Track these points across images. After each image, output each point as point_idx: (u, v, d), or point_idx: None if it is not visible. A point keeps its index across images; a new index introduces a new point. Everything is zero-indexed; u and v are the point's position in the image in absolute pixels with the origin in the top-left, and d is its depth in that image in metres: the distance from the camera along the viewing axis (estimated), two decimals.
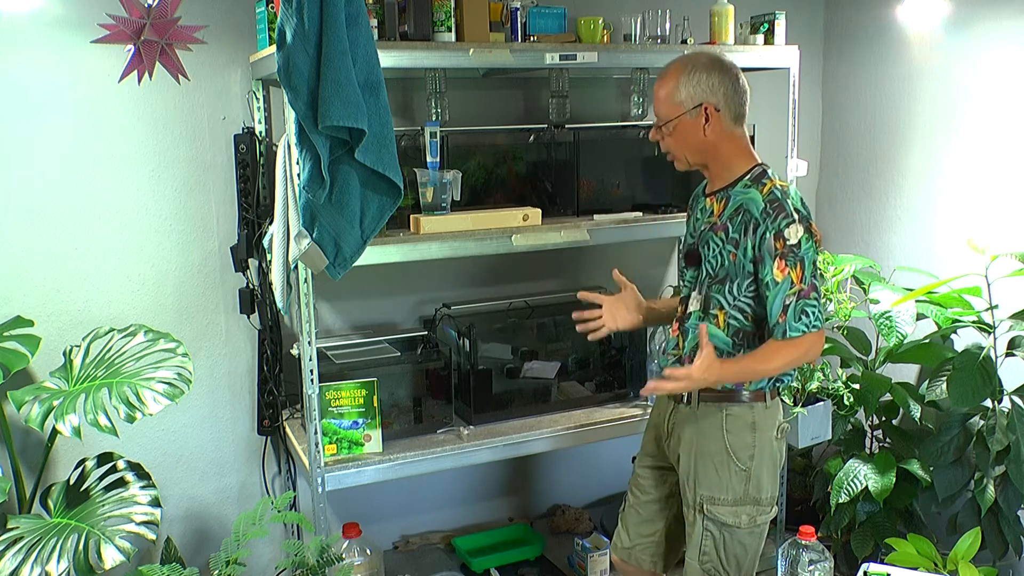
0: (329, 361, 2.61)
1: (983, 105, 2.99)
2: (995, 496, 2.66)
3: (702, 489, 2.10)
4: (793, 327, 1.94)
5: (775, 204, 1.96)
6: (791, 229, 1.93)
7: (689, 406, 2.12)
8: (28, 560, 2.10)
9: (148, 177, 2.66)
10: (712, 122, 2.02)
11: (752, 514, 2.10)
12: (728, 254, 2.01)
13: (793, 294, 1.93)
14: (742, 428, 2.08)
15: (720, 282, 2.03)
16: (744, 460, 2.08)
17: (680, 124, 2.03)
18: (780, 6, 2.90)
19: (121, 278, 2.66)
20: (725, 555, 2.11)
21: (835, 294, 2.85)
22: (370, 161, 2.09)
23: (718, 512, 2.09)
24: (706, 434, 2.10)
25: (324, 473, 2.41)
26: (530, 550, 3.05)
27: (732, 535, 2.10)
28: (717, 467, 2.09)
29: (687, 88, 2.01)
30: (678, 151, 2.07)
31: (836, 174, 3.60)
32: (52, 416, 2.17)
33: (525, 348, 2.86)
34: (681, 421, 2.15)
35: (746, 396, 2.07)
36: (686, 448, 2.14)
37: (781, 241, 1.93)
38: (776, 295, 1.95)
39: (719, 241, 2.03)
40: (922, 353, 2.89)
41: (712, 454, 2.09)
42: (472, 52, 2.39)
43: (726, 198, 2.06)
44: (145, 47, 2.42)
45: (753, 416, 2.08)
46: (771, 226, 1.94)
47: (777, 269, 1.94)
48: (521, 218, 2.59)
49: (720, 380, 2.01)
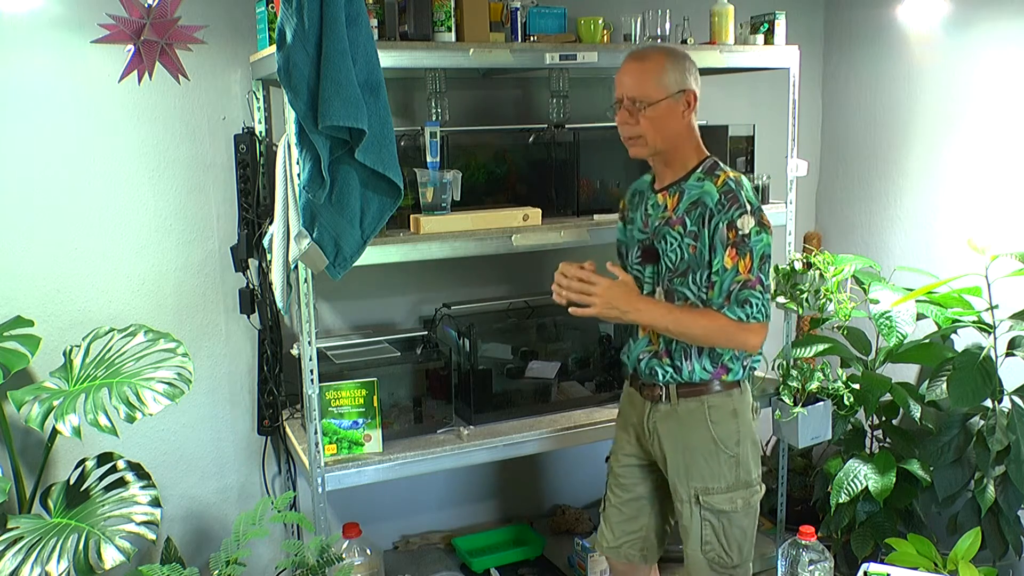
0: (329, 361, 2.61)
1: (983, 105, 2.99)
2: (995, 496, 2.66)
3: (694, 482, 2.14)
4: (733, 311, 2.00)
5: (729, 195, 2.00)
6: (743, 219, 1.99)
7: (669, 404, 2.16)
8: (28, 560, 2.10)
9: (148, 177, 2.66)
10: (690, 110, 2.07)
11: (746, 497, 2.16)
12: (688, 247, 2.05)
13: (738, 282, 1.99)
14: (725, 417, 2.13)
15: (682, 275, 2.07)
16: (731, 447, 2.13)
17: (661, 107, 2.04)
18: (780, 6, 2.90)
19: (121, 278, 2.67)
20: (727, 541, 2.16)
21: (835, 294, 2.85)
22: (370, 161, 2.09)
23: (714, 501, 2.13)
24: (691, 428, 2.14)
25: (324, 473, 2.41)
26: (530, 550, 3.05)
27: (731, 520, 2.15)
28: (706, 458, 2.13)
29: (674, 73, 2.04)
30: (651, 135, 2.06)
31: (836, 174, 3.60)
32: (52, 416, 2.17)
33: (525, 348, 2.86)
34: (662, 420, 2.18)
35: (720, 387, 2.13)
36: (672, 445, 2.17)
37: (733, 231, 1.98)
38: (723, 281, 2.00)
39: (677, 235, 2.07)
40: (922, 353, 2.89)
41: (699, 446, 2.14)
42: (472, 52, 2.39)
43: (679, 192, 2.09)
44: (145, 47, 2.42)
45: (733, 403, 2.15)
46: (724, 216, 1.99)
47: (728, 257, 1.99)
48: (521, 218, 2.59)
49: (634, 311, 2.04)
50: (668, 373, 2.13)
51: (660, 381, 2.15)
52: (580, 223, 2.65)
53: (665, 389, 2.15)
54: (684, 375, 2.12)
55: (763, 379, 2.93)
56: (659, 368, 2.14)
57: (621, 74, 2.08)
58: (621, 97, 2.07)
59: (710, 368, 2.12)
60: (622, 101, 2.07)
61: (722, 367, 2.12)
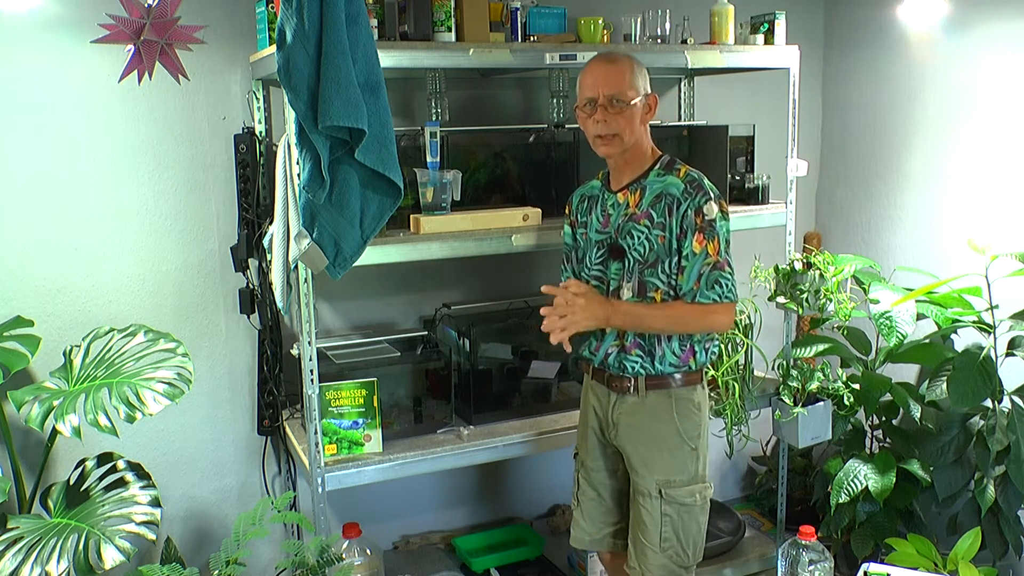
0: (329, 361, 2.61)
1: (983, 105, 2.99)
2: (995, 496, 2.66)
3: (657, 474, 2.19)
4: (704, 294, 2.11)
5: (694, 184, 2.13)
6: (709, 206, 2.10)
7: (637, 396, 2.20)
8: (28, 560, 2.10)
9: (148, 177, 2.66)
10: (651, 113, 2.19)
11: (701, 491, 2.23)
12: (656, 238, 2.14)
13: (708, 265, 2.10)
14: (690, 410, 2.21)
15: (652, 266, 2.15)
16: (694, 440, 2.21)
17: (636, 106, 2.14)
18: (780, 6, 2.90)
19: (121, 278, 2.67)
20: (684, 536, 2.21)
21: (835, 294, 2.85)
22: (370, 161, 2.09)
23: (676, 494, 2.19)
24: (657, 420, 2.20)
25: (324, 473, 2.41)
26: (530, 550, 3.05)
27: (689, 514, 2.21)
28: (671, 450, 2.19)
29: (641, 77, 2.17)
30: (627, 133, 2.15)
31: (836, 174, 3.60)
32: (52, 416, 2.17)
33: (525, 348, 2.86)
34: (628, 412, 2.23)
35: (681, 380, 2.20)
36: (636, 437, 2.22)
37: (700, 216, 2.10)
38: (693, 265, 2.11)
39: (643, 229, 2.15)
40: (922, 353, 2.89)
41: (664, 438, 2.19)
42: (472, 52, 2.39)
43: (640, 188, 2.19)
44: (145, 47, 2.42)
45: (697, 397, 2.23)
46: (692, 203, 2.10)
47: (696, 242, 2.10)
48: (521, 218, 2.59)
49: (609, 317, 2.11)
50: (638, 364, 2.18)
51: (630, 373, 2.20)
52: None
53: (634, 381, 2.20)
54: (656, 360, 2.17)
55: (763, 379, 2.93)
56: (628, 361, 2.19)
57: (595, 75, 2.16)
58: (596, 96, 2.13)
59: (679, 352, 2.18)
60: (596, 100, 2.13)
61: (690, 350, 2.19)
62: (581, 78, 2.19)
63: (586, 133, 2.20)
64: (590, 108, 2.15)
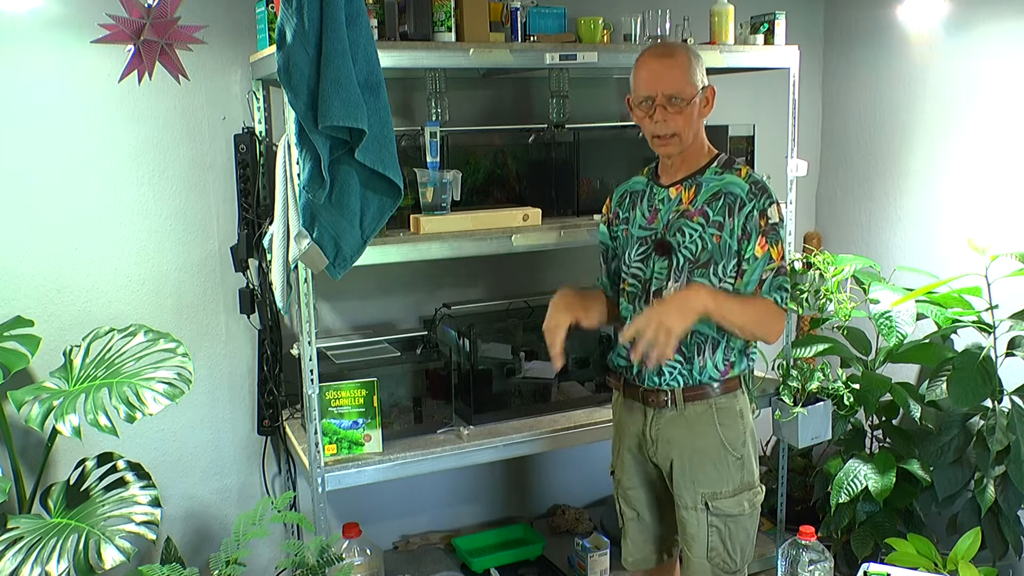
0: (329, 361, 2.61)
1: (983, 105, 2.99)
2: (995, 496, 2.66)
3: (701, 487, 2.12)
4: (769, 295, 2.02)
5: (759, 186, 2.05)
6: (773, 209, 2.04)
7: (675, 409, 2.12)
8: (28, 560, 2.10)
9: (148, 177, 2.66)
10: (710, 105, 2.10)
11: (750, 499, 2.15)
12: (711, 236, 2.04)
13: (771, 269, 2.03)
14: (732, 418, 2.13)
15: (704, 266, 2.06)
16: (738, 448, 2.13)
17: (696, 103, 2.05)
18: (780, 6, 2.90)
19: (121, 278, 2.67)
20: (731, 545, 2.15)
21: (835, 294, 2.85)
22: (370, 161, 2.09)
23: (722, 506, 2.11)
24: (699, 432, 2.11)
25: (324, 473, 2.41)
26: (530, 550, 3.05)
27: (736, 524, 2.14)
28: (714, 462, 2.11)
29: (699, 70, 2.06)
30: (685, 131, 2.05)
31: (836, 174, 3.60)
32: (52, 416, 2.17)
33: (525, 348, 2.86)
34: (666, 426, 2.14)
35: (720, 388, 2.11)
36: (678, 451, 2.13)
37: (765, 219, 2.03)
38: (754, 269, 2.03)
39: (697, 226, 2.06)
40: (922, 353, 2.89)
41: (707, 450, 2.11)
42: (472, 52, 2.39)
43: (695, 185, 2.10)
44: (145, 47, 2.42)
45: (738, 404, 2.14)
46: (758, 204, 2.03)
47: (759, 246, 2.02)
48: (521, 218, 2.59)
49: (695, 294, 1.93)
50: (675, 373, 2.09)
51: (666, 385, 2.10)
52: (580, 223, 2.65)
53: (671, 394, 2.11)
54: (695, 372, 2.08)
55: (763, 379, 2.93)
56: (665, 369, 2.09)
57: (651, 71, 2.04)
58: (653, 95, 2.02)
59: (721, 366, 2.09)
60: (654, 99, 2.02)
61: (728, 364, 2.10)
62: (635, 73, 2.07)
63: (643, 131, 2.10)
64: (647, 106, 2.04)
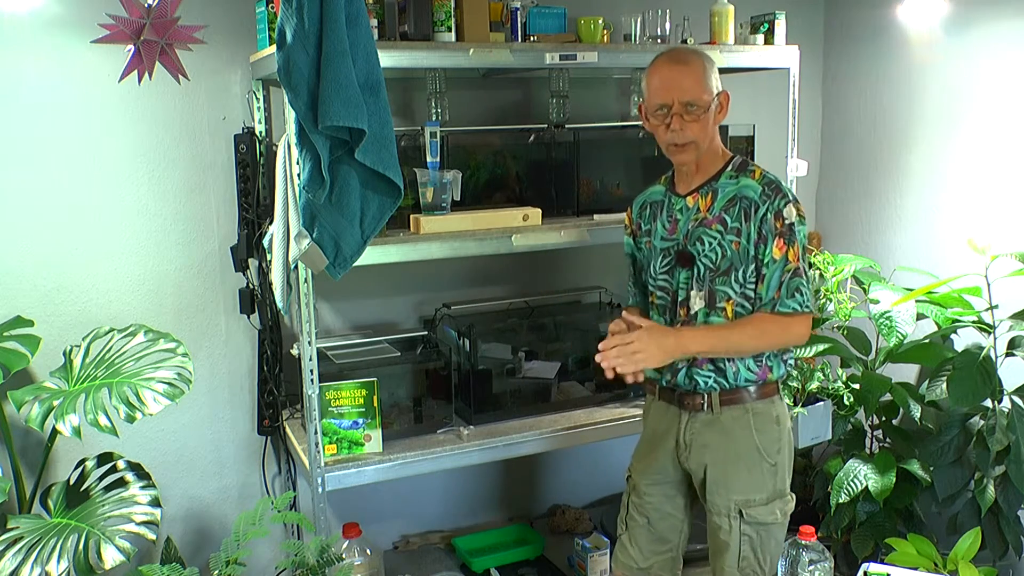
0: (329, 361, 2.61)
1: (983, 105, 2.99)
2: (995, 496, 2.66)
3: (735, 494, 2.07)
4: (785, 303, 1.98)
5: (773, 186, 2.01)
6: (788, 209, 1.99)
7: (711, 413, 2.08)
8: (28, 560, 2.10)
9: (148, 177, 2.66)
10: (724, 111, 2.06)
11: (782, 507, 2.11)
12: (730, 243, 2.01)
13: (789, 271, 1.98)
14: (768, 424, 2.08)
15: (724, 273, 2.02)
16: (773, 455, 2.08)
17: (712, 110, 2.02)
18: (780, 6, 2.90)
19: (121, 278, 2.67)
20: (762, 554, 2.10)
21: (835, 294, 2.84)
22: (370, 161, 2.09)
23: (756, 514, 2.07)
24: (735, 438, 2.07)
25: (324, 473, 2.41)
26: (530, 550, 3.05)
27: (768, 532, 2.09)
28: (749, 468, 2.07)
29: (713, 75, 2.03)
30: (702, 139, 2.02)
31: (836, 174, 3.60)
32: (52, 416, 2.17)
33: (525, 348, 2.86)
34: (701, 430, 2.10)
35: (757, 393, 2.06)
36: (712, 456, 2.09)
37: (780, 220, 1.98)
38: (774, 272, 1.98)
39: (716, 234, 2.03)
40: (922, 353, 2.89)
41: (742, 456, 2.07)
42: (472, 52, 2.39)
43: (711, 192, 2.06)
44: (145, 47, 2.42)
45: (775, 410, 2.10)
46: (772, 206, 1.98)
47: (776, 248, 1.98)
48: (521, 218, 2.59)
49: (683, 345, 1.97)
50: (711, 380, 2.05)
51: (702, 389, 2.07)
52: (580, 223, 2.65)
53: (707, 398, 2.07)
54: (729, 378, 2.04)
55: None
56: (700, 376, 2.06)
57: (666, 78, 2.01)
58: (669, 102, 2.00)
59: (755, 368, 2.05)
60: (670, 107, 2.00)
61: (765, 367, 2.07)
62: (649, 80, 2.05)
63: (658, 140, 2.06)
64: (662, 114, 2.01)
